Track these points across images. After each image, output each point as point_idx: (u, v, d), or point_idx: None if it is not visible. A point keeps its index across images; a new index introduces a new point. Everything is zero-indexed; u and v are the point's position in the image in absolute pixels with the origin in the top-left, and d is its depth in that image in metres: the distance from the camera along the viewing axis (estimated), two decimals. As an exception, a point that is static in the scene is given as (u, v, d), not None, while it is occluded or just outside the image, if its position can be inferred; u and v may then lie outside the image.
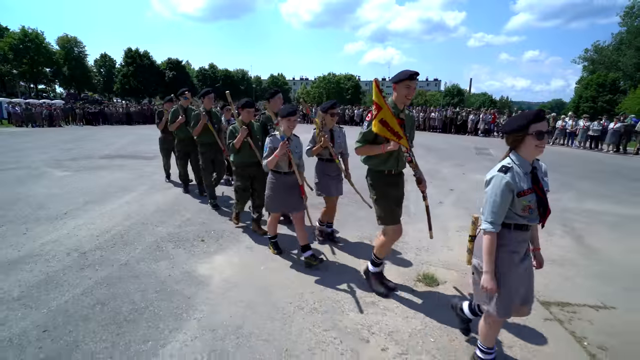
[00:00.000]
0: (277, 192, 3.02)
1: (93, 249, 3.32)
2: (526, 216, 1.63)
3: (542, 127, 1.56)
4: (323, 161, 3.46)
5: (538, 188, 1.61)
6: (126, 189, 5.64)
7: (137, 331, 2.15)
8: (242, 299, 2.53)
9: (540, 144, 1.57)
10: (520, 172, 1.61)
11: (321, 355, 2.00)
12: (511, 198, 1.61)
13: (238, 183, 3.68)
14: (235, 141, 3.44)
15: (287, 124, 2.89)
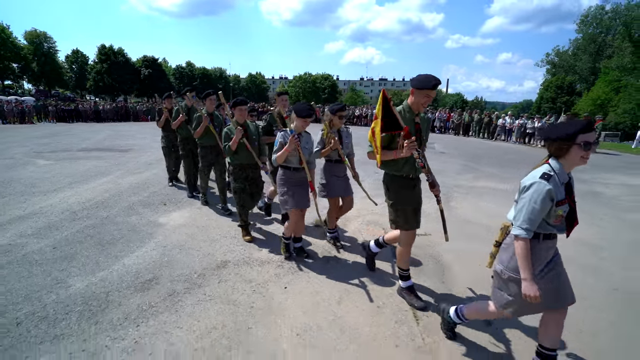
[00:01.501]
0: (290, 188, 3.05)
1: (81, 209, 4.49)
2: (557, 226, 1.63)
3: (590, 138, 1.52)
4: (331, 162, 3.40)
5: (570, 199, 1.60)
6: (104, 173, 6.74)
7: (115, 247, 3.40)
8: (186, 232, 3.82)
9: (586, 155, 1.53)
10: (558, 181, 1.59)
11: (228, 255, 3.32)
12: (550, 206, 1.59)
13: (237, 185, 3.58)
14: (231, 143, 3.38)
15: (303, 124, 2.93)
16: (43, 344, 2.02)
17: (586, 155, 1.53)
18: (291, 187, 3.04)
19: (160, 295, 2.56)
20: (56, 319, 2.25)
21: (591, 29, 35.45)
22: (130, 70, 45.28)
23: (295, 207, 3.04)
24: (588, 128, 1.50)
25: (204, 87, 54.05)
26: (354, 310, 2.48)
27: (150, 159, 8.54)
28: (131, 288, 2.65)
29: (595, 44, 34.93)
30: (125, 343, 2.05)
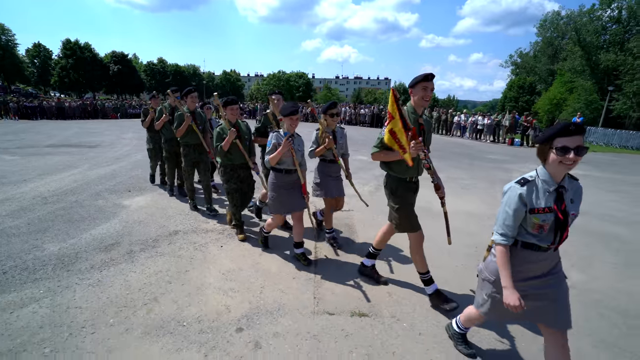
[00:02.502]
0: (280, 192, 3.03)
1: (51, 195, 5.05)
2: (536, 235, 1.56)
3: (569, 142, 1.43)
4: (325, 162, 3.41)
5: (559, 209, 1.50)
6: (72, 166, 7.19)
7: (83, 223, 4.04)
8: (146, 212, 4.51)
9: (564, 159, 1.45)
10: (542, 187, 1.53)
11: (180, 226, 4.05)
12: (523, 213, 1.55)
13: (230, 185, 3.59)
14: (223, 143, 3.39)
15: (290, 122, 2.90)
16: (26, 284, 2.70)
17: (565, 161, 1.44)
18: (282, 192, 3.03)
19: (120, 253, 3.28)
20: (35, 269, 2.92)
21: (549, 33, 37.96)
22: (98, 67, 43.96)
23: (282, 213, 3.13)
24: (564, 132, 1.43)
25: (177, 84, 53.20)
26: (271, 259, 3.31)
27: (118, 154, 9.00)
28: (97, 249, 3.34)
29: (552, 47, 37.47)
30: (91, 281, 2.77)
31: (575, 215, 1.55)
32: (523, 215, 1.55)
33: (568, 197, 1.53)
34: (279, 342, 2.14)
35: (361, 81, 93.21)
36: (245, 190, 3.67)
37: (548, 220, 1.51)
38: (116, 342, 2.08)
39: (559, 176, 1.51)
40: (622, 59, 28.16)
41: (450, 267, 3.28)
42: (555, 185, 1.51)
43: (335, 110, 3.31)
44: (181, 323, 2.29)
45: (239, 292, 2.69)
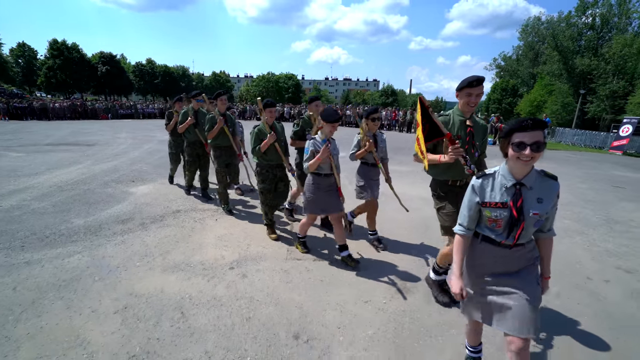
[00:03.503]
0: (317, 194, 3.11)
1: (64, 184, 5.81)
2: (493, 230, 1.55)
3: (526, 138, 1.39)
4: (367, 165, 3.53)
5: (514, 205, 1.47)
6: (76, 162, 7.91)
7: (99, 205, 4.84)
8: (151, 196, 5.32)
9: (521, 155, 1.41)
10: (499, 182, 1.52)
11: (181, 207, 4.89)
12: (475, 204, 1.56)
13: (265, 185, 3.67)
14: (262, 145, 3.48)
15: (331, 129, 2.97)
16: (66, 244, 3.51)
17: (521, 156, 1.41)
18: (320, 194, 3.12)
19: (134, 225, 4.10)
20: (70, 235, 3.73)
21: (530, 38, 39.60)
22: (85, 67, 43.87)
23: (317, 213, 3.23)
24: (521, 127, 1.40)
25: (166, 85, 53.37)
26: (258, 228, 4.19)
27: (116, 151, 9.72)
28: (115, 222, 4.16)
29: (533, 52, 39.10)
30: (116, 242, 3.60)
31: (539, 215, 1.46)
32: (476, 207, 1.56)
33: (531, 196, 1.47)
34: (259, 274, 3.03)
35: (350, 82, 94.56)
36: (282, 189, 3.79)
37: (501, 216, 1.49)
38: (143, 275, 2.94)
39: (519, 172, 1.47)
40: (595, 63, 29.88)
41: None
42: (514, 181, 1.47)
43: (376, 114, 3.41)
44: (189, 265, 3.15)
45: (230, 248, 3.56)
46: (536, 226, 1.50)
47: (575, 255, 3.74)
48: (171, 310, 2.44)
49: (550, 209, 1.50)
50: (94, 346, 2.06)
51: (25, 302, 2.47)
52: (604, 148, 17.86)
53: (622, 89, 27.43)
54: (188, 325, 2.29)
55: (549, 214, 1.51)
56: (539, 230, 1.59)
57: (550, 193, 1.48)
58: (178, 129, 4.99)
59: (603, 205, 5.96)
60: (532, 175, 1.48)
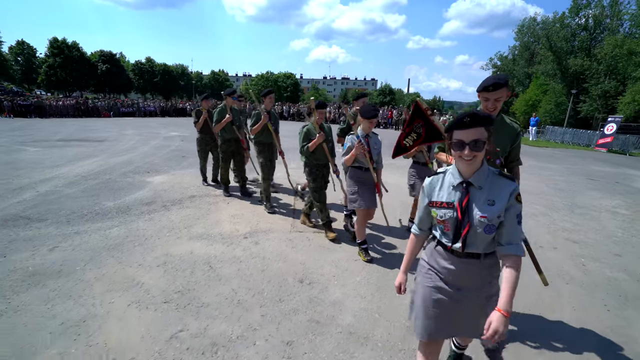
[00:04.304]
0: (362, 188, 3.18)
1: (87, 175, 6.42)
2: (444, 233, 1.46)
3: (464, 136, 1.31)
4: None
5: (459, 206, 1.37)
6: (91, 156, 8.51)
7: (122, 191, 5.46)
8: (168, 184, 5.95)
9: (461, 154, 1.33)
10: (448, 181, 1.43)
11: (195, 193, 5.53)
12: (426, 204, 1.50)
13: (316, 183, 3.73)
14: (310, 144, 3.54)
15: (369, 124, 3.07)
16: (103, 220, 4.13)
17: (463, 155, 1.32)
18: (361, 187, 3.18)
19: (158, 206, 4.73)
20: (104, 213, 4.35)
21: (526, 38, 40.26)
22: (85, 65, 44.30)
23: (364, 207, 3.18)
24: (459, 124, 1.32)
25: (165, 84, 53.85)
26: (262, 210, 4.82)
27: (126, 146, 10.32)
28: (140, 204, 4.79)
29: (529, 52, 39.78)
30: (145, 219, 4.23)
31: (488, 218, 1.33)
32: (426, 207, 1.50)
33: (480, 196, 1.36)
34: (269, 242, 3.68)
35: (348, 82, 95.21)
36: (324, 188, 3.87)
37: (446, 217, 1.40)
38: (174, 242, 3.58)
39: (465, 171, 1.37)
40: (588, 64, 30.60)
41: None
42: (461, 180, 1.38)
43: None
44: (210, 235, 3.80)
45: (243, 223, 4.21)
46: (487, 232, 1.34)
47: (534, 232, 4.40)
48: (201, 265, 3.09)
49: (506, 214, 1.34)
50: (147, 285, 2.70)
51: (85, 258, 3.11)
52: (590, 145, 18.61)
53: (614, 89, 28.15)
54: (216, 274, 2.94)
55: (505, 220, 1.34)
56: (498, 243, 1.38)
57: (503, 194, 1.34)
58: (215, 127, 5.01)
59: (572, 193, 6.64)
60: (483, 175, 1.37)
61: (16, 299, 2.44)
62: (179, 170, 7.09)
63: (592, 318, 2.56)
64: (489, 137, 1.33)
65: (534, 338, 2.30)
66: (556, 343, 2.26)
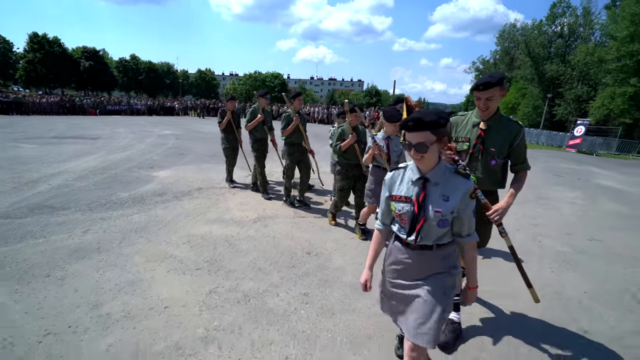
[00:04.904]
0: (377, 186, 3.37)
1: (94, 169, 6.76)
2: (401, 226, 1.52)
3: (410, 138, 1.38)
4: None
5: (416, 200, 1.43)
6: (90, 153, 8.77)
7: (132, 185, 5.86)
8: (174, 178, 6.38)
9: (409, 154, 1.42)
10: (408, 175, 1.50)
11: (202, 185, 5.99)
12: (386, 198, 1.55)
13: (344, 183, 3.91)
14: (343, 144, 3.71)
15: (393, 127, 3.26)
16: (122, 208, 4.56)
17: (410, 155, 1.41)
18: (377, 186, 3.38)
19: (169, 197, 5.18)
20: (121, 203, 4.77)
21: (507, 43, 41.93)
22: (67, 62, 43.30)
23: (375, 204, 3.48)
24: (405, 127, 1.38)
25: (151, 82, 53.17)
26: (266, 199, 5.33)
27: (122, 144, 10.58)
28: (153, 195, 5.22)
29: (509, 56, 41.47)
30: (161, 207, 4.68)
31: (442, 214, 1.40)
32: (386, 201, 1.55)
33: (436, 192, 1.42)
34: (277, 225, 4.22)
35: (335, 82, 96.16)
36: (359, 188, 3.90)
37: (404, 210, 1.46)
38: (192, 225, 4.06)
39: (422, 167, 1.44)
40: (563, 69, 32.34)
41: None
42: (419, 175, 1.45)
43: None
44: (223, 220, 4.30)
45: (251, 210, 4.73)
46: (440, 226, 1.42)
47: (504, 219, 5.09)
48: (222, 242, 3.60)
49: (461, 210, 1.43)
50: (179, 257, 3.20)
51: (118, 238, 3.56)
52: (562, 146, 19.93)
53: (586, 94, 29.91)
54: (236, 249, 3.46)
55: (461, 216, 1.44)
56: (458, 235, 1.49)
57: (457, 191, 1.41)
58: (247, 126, 5.15)
59: (539, 187, 7.46)
60: (440, 171, 1.44)
61: (71, 268, 2.89)
62: (180, 166, 7.50)
63: (538, 276, 3.23)
64: (440, 139, 1.39)
65: (488, 284, 2.93)
66: (502, 289, 2.89)
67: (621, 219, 5.52)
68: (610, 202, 6.72)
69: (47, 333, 2.08)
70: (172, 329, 2.19)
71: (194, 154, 9.05)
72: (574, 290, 3.08)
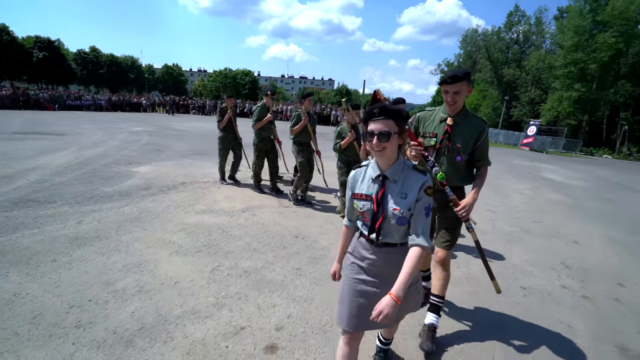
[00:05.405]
0: None
1: (69, 166, 6.67)
2: (364, 224, 1.53)
3: (374, 127, 1.37)
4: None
5: (376, 198, 1.44)
6: (61, 149, 8.52)
7: (114, 180, 5.91)
8: (154, 174, 6.47)
9: (370, 145, 1.39)
10: (369, 173, 1.50)
11: (185, 180, 6.16)
12: (350, 196, 1.55)
13: (344, 177, 4.14)
14: (342, 142, 3.90)
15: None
16: (110, 201, 4.67)
17: (372, 146, 1.38)
18: None
19: (155, 191, 5.33)
20: (109, 196, 4.87)
21: (469, 47, 44.34)
22: (17, 52, 40.07)
23: None
24: (370, 115, 1.38)
25: (113, 76, 50.49)
26: (251, 192, 5.64)
27: (93, 140, 10.31)
28: (138, 189, 5.34)
29: (471, 60, 43.86)
30: (150, 200, 4.84)
31: (400, 211, 1.39)
32: (350, 198, 1.56)
33: (395, 189, 1.43)
34: (264, 214, 4.56)
35: (306, 81, 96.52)
36: None
37: (365, 208, 1.47)
38: (184, 216, 4.30)
39: (381, 163, 1.44)
40: (518, 74, 34.94)
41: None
42: (377, 173, 1.45)
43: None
44: (213, 210, 4.57)
45: (238, 202, 5.03)
46: (399, 223, 1.42)
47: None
48: (215, 229, 3.89)
49: (416, 206, 1.41)
50: (178, 243, 3.46)
51: (114, 227, 3.74)
52: (517, 144, 21.76)
53: (538, 97, 32.58)
54: (229, 234, 3.77)
55: (415, 212, 1.42)
56: (408, 234, 1.47)
57: (414, 187, 1.41)
58: (254, 125, 5.16)
59: (495, 180, 8.34)
60: (399, 168, 1.44)
61: (75, 254, 3.07)
62: (159, 162, 7.56)
63: (492, 249, 3.88)
64: (401, 132, 1.39)
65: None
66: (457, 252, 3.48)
67: (560, 206, 6.45)
68: (553, 192, 7.74)
69: (71, 306, 2.31)
70: (185, 298, 2.50)
71: (171, 151, 9.06)
72: (518, 259, 3.78)
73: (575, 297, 3.06)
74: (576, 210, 6.26)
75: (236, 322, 2.28)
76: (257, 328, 2.23)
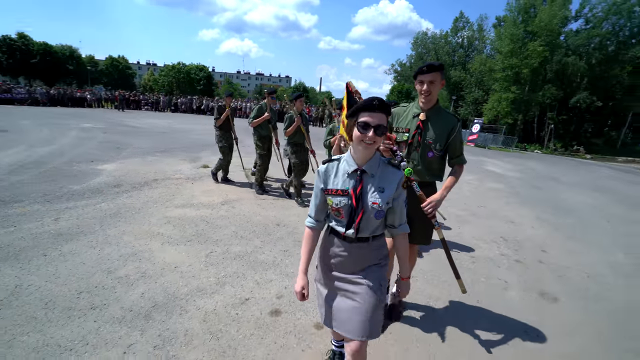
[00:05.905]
0: None
1: (23, 163, 6.27)
2: (338, 220, 1.50)
3: (371, 119, 1.34)
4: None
5: (354, 193, 1.41)
6: (9, 146, 7.86)
7: (80, 178, 5.72)
8: (123, 172, 6.35)
9: (363, 137, 1.35)
10: (343, 168, 1.47)
11: (156, 177, 6.15)
12: (320, 192, 1.51)
13: None
14: (332, 139, 3.91)
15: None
16: (84, 198, 4.60)
17: (364, 139, 1.34)
18: None
19: (128, 188, 5.30)
20: (82, 193, 4.78)
21: (420, 49, 46.86)
22: None
23: None
24: (368, 106, 1.34)
25: (47, 67, 45.62)
26: (230, 187, 5.82)
27: (43, 137, 9.61)
28: (109, 186, 5.27)
29: (422, 61, 46.40)
30: (126, 196, 4.84)
31: (379, 205, 1.40)
32: (321, 195, 1.51)
33: (373, 184, 1.42)
34: (243, 206, 4.82)
35: (263, 77, 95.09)
36: None
37: (341, 204, 1.43)
38: (165, 210, 4.41)
39: (361, 157, 1.42)
40: (464, 76, 37.88)
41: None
42: (354, 168, 1.43)
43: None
44: (192, 204, 4.72)
45: (215, 196, 5.22)
46: (377, 217, 1.44)
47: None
48: (199, 221, 4.09)
49: (394, 200, 1.45)
50: (166, 234, 3.63)
51: (96, 223, 3.78)
52: (464, 141, 23.86)
53: (481, 97, 35.65)
54: (215, 225, 4.00)
55: (394, 206, 1.46)
56: (391, 226, 1.51)
57: (392, 182, 1.43)
58: (252, 123, 5.19)
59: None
60: (375, 163, 1.44)
61: (64, 248, 3.13)
62: (123, 160, 7.37)
63: (447, 229, 4.54)
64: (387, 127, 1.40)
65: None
66: (428, 242, 4.09)
67: (500, 193, 7.51)
68: (493, 182, 8.90)
69: (80, 292, 2.46)
70: (188, 279, 2.74)
71: (132, 148, 8.77)
72: (468, 235, 4.51)
73: (510, 261, 3.82)
74: (512, 197, 7.34)
75: (240, 295, 2.59)
76: (260, 298, 2.57)
